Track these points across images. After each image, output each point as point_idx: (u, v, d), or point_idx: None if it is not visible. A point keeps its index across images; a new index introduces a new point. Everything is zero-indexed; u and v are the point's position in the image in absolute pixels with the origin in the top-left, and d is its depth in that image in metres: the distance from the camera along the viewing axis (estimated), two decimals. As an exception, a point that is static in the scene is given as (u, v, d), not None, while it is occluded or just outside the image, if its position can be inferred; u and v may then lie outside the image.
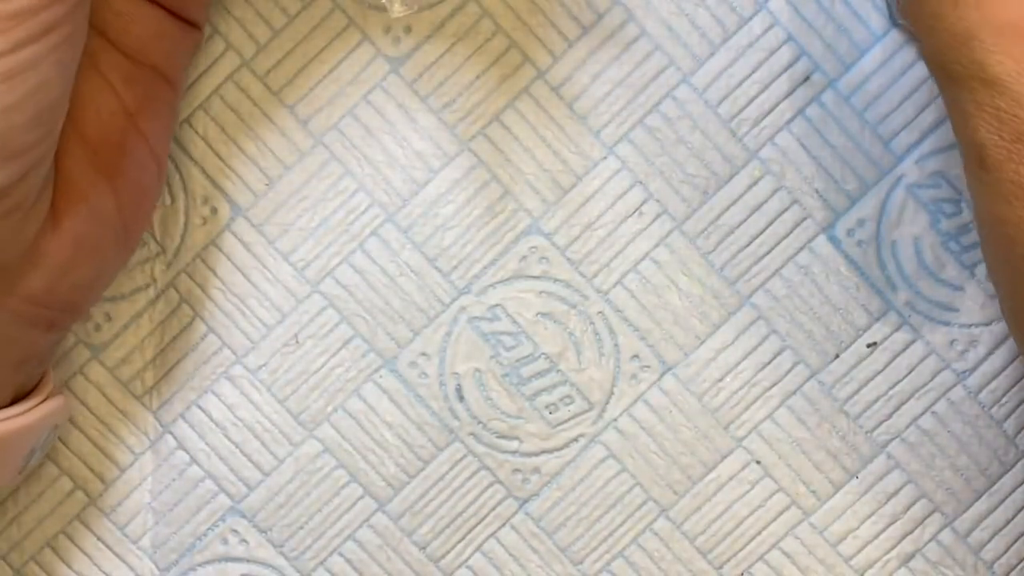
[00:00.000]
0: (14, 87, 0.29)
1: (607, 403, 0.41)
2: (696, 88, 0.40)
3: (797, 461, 0.41)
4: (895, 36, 0.41)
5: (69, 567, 0.42)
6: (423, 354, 0.41)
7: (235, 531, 0.42)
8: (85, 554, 0.42)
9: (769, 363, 0.41)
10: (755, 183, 0.41)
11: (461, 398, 0.41)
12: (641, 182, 0.41)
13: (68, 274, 0.33)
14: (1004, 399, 0.41)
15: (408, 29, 0.40)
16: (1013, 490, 0.41)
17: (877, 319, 0.41)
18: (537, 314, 0.41)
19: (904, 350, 0.41)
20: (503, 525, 0.42)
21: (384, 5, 0.28)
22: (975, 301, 0.41)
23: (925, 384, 0.41)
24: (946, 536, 0.41)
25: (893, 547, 0.41)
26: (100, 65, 0.34)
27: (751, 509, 0.42)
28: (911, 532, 0.41)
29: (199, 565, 0.42)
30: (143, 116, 0.35)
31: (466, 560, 0.42)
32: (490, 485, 0.42)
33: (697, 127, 0.41)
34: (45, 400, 0.36)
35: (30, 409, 0.35)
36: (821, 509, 0.41)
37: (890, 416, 0.41)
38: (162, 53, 0.36)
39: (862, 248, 0.41)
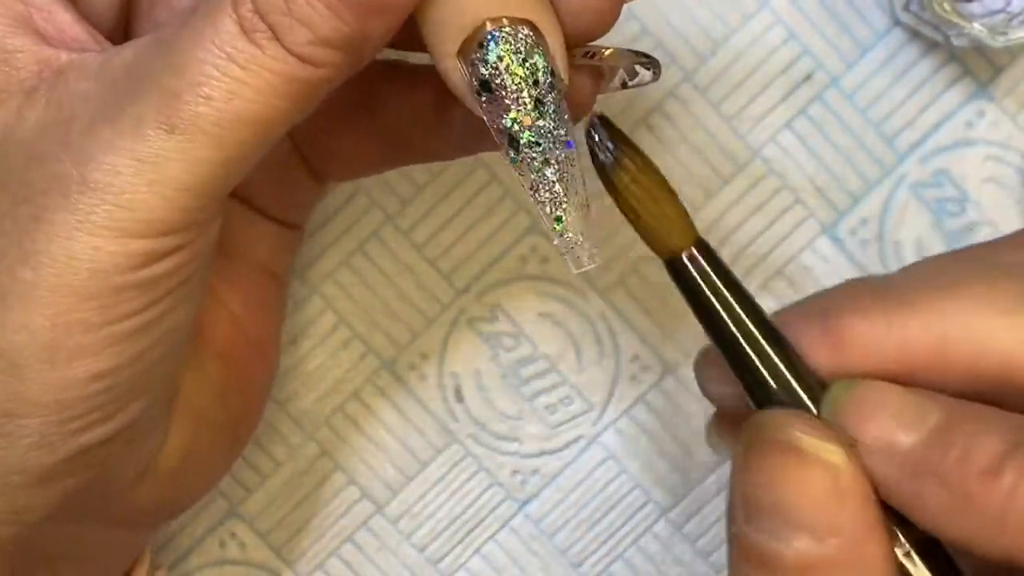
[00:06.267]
0: (149, 332, 0.28)
1: (607, 404, 0.41)
2: (698, 86, 0.40)
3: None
4: (897, 34, 0.40)
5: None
6: (422, 355, 0.41)
7: (233, 534, 0.41)
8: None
9: (771, 364, 0.41)
10: (757, 182, 0.41)
11: (460, 399, 0.41)
12: (643, 182, 0.41)
13: (176, 484, 0.33)
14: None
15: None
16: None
17: (880, 319, 0.41)
18: (537, 314, 0.41)
19: (907, 350, 0.41)
20: (502, 527, 0.42)
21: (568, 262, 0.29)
22: (978, 301, 0.41)
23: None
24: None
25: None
26: None
27: (753, 511, 0.41)
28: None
29: (197, 569, 0.41)
30: (249, 317, 0.35)
31: (465, 563, 0.42)
32: (489, 487, 0.41)
33: (699, 125, 0.40)
34: None
35: None
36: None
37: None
38: (265, 252, 0.35)
39: (865, 247, 0.41)
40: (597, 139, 0.28)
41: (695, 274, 0.28)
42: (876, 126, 0.41)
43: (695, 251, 0.28)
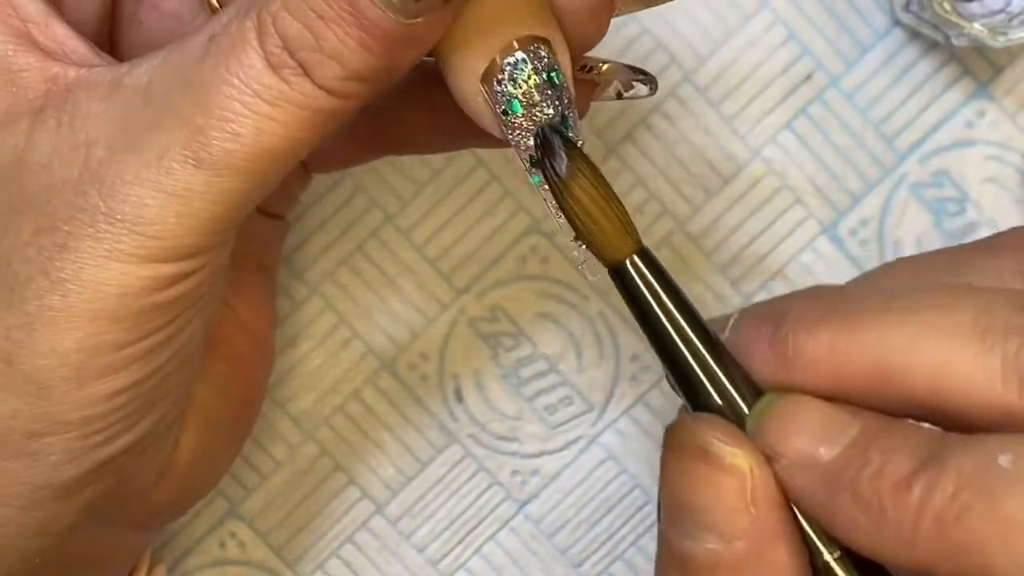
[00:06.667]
0: (169, 346, 0.29)
1: (607, 404, 0.41)
2: (698, 86, 0.40)
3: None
4: (897, 34, 0.40)
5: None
6: (422, 355, 0.41)
7: (233, 534, 0.41)
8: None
9: (771, 364, 0.41)
10: (757, 182, 0.41)
11: (460, 399, 0.41)
12: (643, 182, 0.41)
13: (188, 482, 0.33)
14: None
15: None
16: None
17: (880, 319, 0.41)
18: (537, 314, 0.41)
19: (907, 350, 0.41)
20: (502, 527, 0.42)
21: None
22: (978, 301, 0.41)
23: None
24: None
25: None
26: None
27: (753, 511, 0.41)
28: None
29: (197, 569, 0.41)
30: (247, 312, 0.35)
31: (465, 563, 0.42)
32: (489, 487, 0.41)
33: (699, 126, 0.40)
34: None
35: None
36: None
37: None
38: (257, 245, 0.36)
39: (865, 248, 0.41)
40: (547, 147, 0.28)
41: (638, 282, 0.28)
42: (876, 126, 0.41)
43: (638, 259, 0.28)
